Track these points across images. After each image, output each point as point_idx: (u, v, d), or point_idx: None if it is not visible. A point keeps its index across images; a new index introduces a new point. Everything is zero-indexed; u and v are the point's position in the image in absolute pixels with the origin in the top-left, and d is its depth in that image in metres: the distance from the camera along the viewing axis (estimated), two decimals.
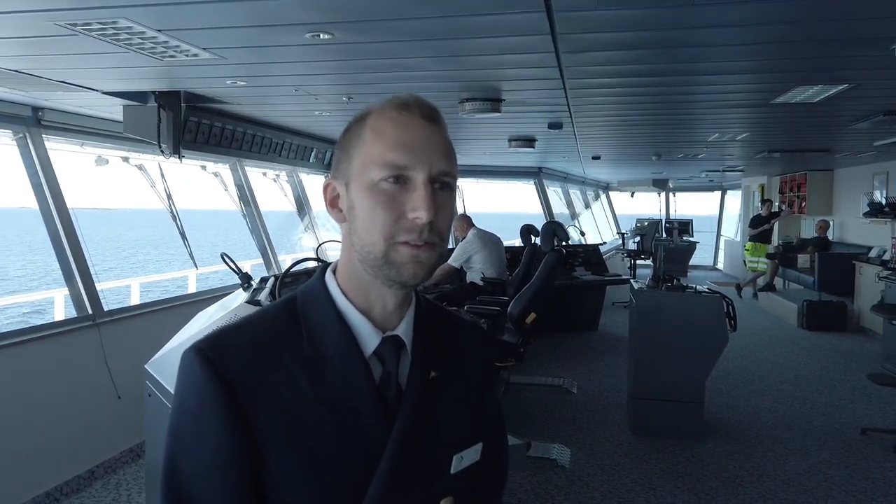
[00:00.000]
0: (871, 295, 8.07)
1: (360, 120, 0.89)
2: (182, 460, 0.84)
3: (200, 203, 65.05)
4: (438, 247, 0.86)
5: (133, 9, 2.36)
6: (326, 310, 0.90)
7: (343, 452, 0.85)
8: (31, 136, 4.30)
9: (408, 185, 0.84)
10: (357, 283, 0.91)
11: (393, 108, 0.87)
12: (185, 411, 0.85)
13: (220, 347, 0.86)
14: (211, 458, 0.83)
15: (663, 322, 4.80)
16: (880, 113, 4.65)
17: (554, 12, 2.39)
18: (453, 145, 0.91)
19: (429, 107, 0.89)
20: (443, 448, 0.93)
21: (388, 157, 0.84)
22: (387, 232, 0.84)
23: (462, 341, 1.03)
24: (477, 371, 1.04)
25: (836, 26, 2.72)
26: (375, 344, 0.90)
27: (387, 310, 0.91)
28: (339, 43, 2.84)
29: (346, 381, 0.87)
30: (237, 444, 0.83)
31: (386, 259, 0.85)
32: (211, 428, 0.83)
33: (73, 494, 3.90)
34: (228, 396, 0.83)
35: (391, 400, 0.89)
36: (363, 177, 0.85)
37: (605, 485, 4.02)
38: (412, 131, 0.86)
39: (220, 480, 0.83)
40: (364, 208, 0.85)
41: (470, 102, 4.18)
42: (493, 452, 1.04)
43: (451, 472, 0.93)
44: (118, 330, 4.46)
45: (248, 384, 0.84)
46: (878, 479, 4.15)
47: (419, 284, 0.89)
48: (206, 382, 0.83)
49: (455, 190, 0.91)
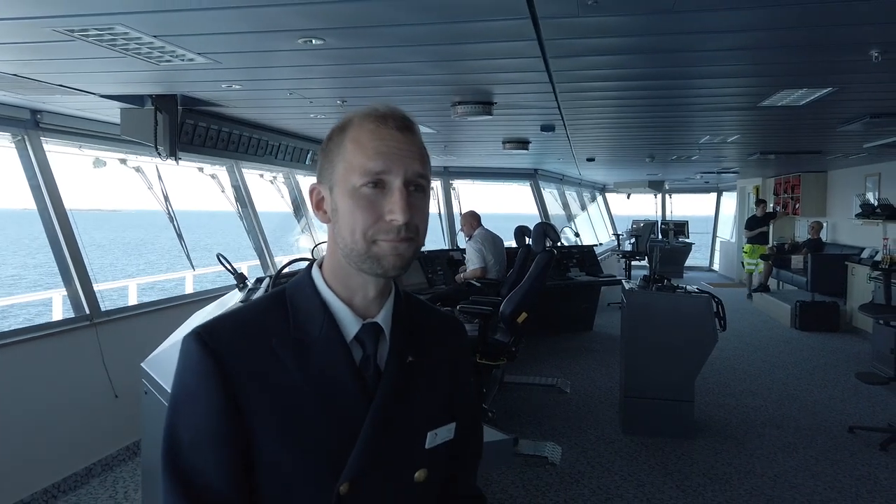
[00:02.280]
0: (862, 295, 8.15)
1: (341, 130, 0.99)
2: (182, 432, 0.93)
3: (198, 204, 65.00)
4: (415, 241, 0.96)
5: (130, 15, 2.42)
6: (312, 299, 1.00)
7: (325, 427, 0.94)
8: (30, 139, 4.35)
9: (385, 189, 0.94)
10: (340, 276, 1.00)
11: (371, 121, 0.97)
12: (184, 387, 0.95)
13: (215, 331, 0.96)
14: (208, 429, 0.92)
15: (654, 322, 4.86)
16: (866, 116, 4.72)
17: (539, 19, 2.45)
18: (428, 150, 1.02)
19: (403, 117, 0.98)
20: (418, 425, 1.02)
21: (367, 165, 0.94)
22: (367, 232, 0.94)
23: (438, 330, 1.13)
24: (451, 357, 1.13)
25: (817, 32, 2.78)
26: (356, 329, 0.99)
27: (367, 298, 1.01)
28: (332, 48, 2.90)
29: (328, 362, 0.96)
30: (231, 417, 0.92)
31: (368, 254, 0.95)
32: (207, 401, 0.92)
33: (70, 492, 3.96)
34: (222, 374, 0.92)
35: (370, 380, 0.98)
36: (345, 182, 0.95)
37: (595, 482, 4.09)
38: (388, 141, 0.95)
39: (216, 450, 0.92)
40: (346, 211, 0.95)
41: (462, 105, 4.25)
42: (467, 431, 1.13)
43: (425, 447, 1.03)
44: (115, 330, 4.52)
45: (239, 364, 0.94)
46: (864, 477, 4.22)
47: (399, 274, 0.98)
48: (203, 361, 0.93)
49: (429, 190, 1.00)
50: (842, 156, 8.25)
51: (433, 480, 1.04)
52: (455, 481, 1.14)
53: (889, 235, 8.41)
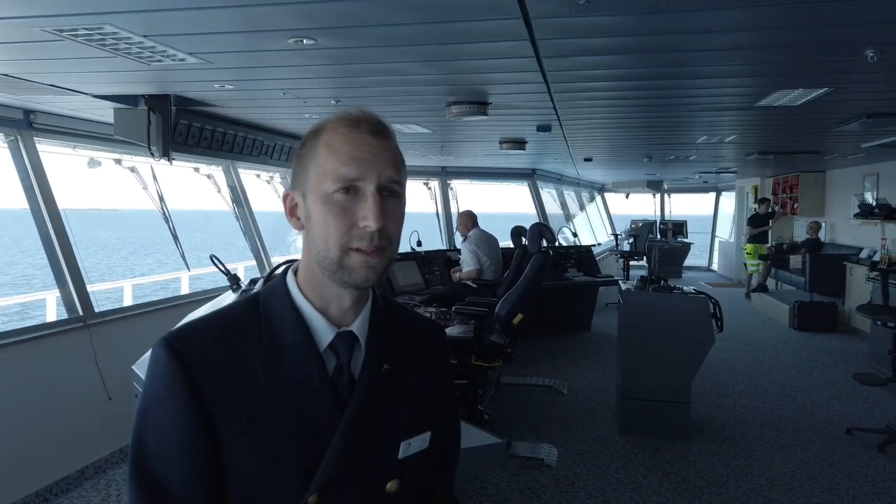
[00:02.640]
0: (861, 295, 8.13)
1: (315, 136, 0.97)
2: (150, 438, 0.91)
3: (194, 203, 64.92)
4: (388, 250, 0.94)
5: (118, 15, 2.40)
6: (285, 306, 0.98)
7: (295, 436, 0.93)
8: (23, 139, 4.32)
9: (358, 195, 0.93)
10: (315, 284, 0.98)
11: (344, 126, 0.95)
12: (152, 393, 0.93)
13: (184, 337, 0.94)
14: (176, 436, 0.90)
15: (650, 323, 4.84)
16: (863, 116, 4.70)
17: (531, 19, 2.43)
18: (403, 155, 1.00)
19: (377, 122, 0.96)
20: (391, 434, 1.01)
21: (340, 171, 0.92)
22: (340, 239, 0.92)
23: (418, 338, 1.11)
24: (432, 366, 1.11)
25: (812, 31, 2.76)
26: (330, 338, 0.97)
27: (342, 308, 0.99)
28: (324, 48, 2.88)
29: (300, 371, 0.95)
30: (199, 424, 0.90)
31: (340, 264, 0.93)
32: (176, 408, 0.91)
33: (62, 494, 3.93)
34: (190, 380, 0.91)
35: (344, 389, 0.96)
36: (318, 188, 0.94)
37: (591, 484, 4.07)
38: (361, 146, 0.93)
39: (184, 457, 0.90)
40: (319, 217, 0.94)
41: (456, 105, 4.22)
42: (444, 440, 1.12)
43: (398, 456, 1.01)
44: (109, 331, 4.49)
45: (209, 370, 0.92)
46: (861, 479, 4.20)
47: (371, 286, 0.97)
48: (171, 367, 0.91)
49: (404, 197, 0.98)
50: (840, 156, 8.23)
51: (406, 491, 1.02)
52: (430, 491, 1.12)
53: (887, 235, 8.39)
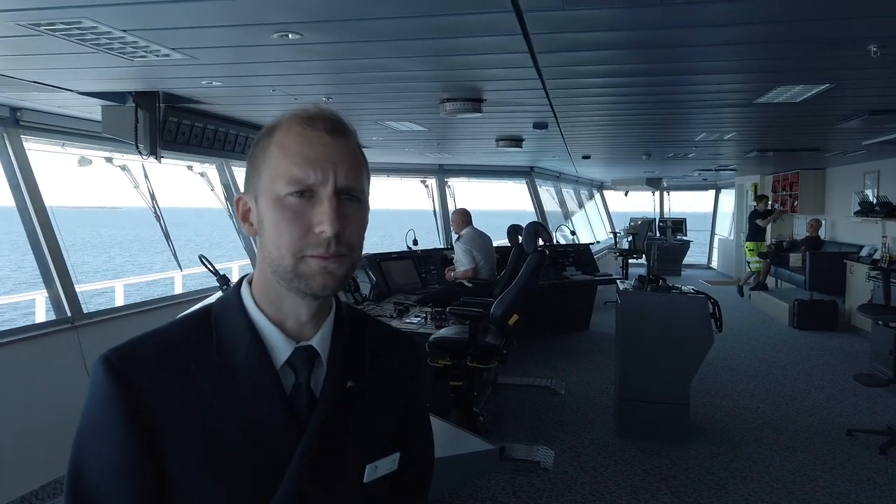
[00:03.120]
0: (861, 294, 8.05)
1: (267, 135, 0.89)
2: (87, 466, 0.84)
3: (188, 201, 64.78)
4: (348, 258, 0.87)
5: (96, 8, 2.33)
6: (238, 320, 0.90)
7: (249, 462, 0.85)
8: (9, 137, 4.26)
9: (313, 198, 0.85)
10: (270, 295, 0.91)
11: (298, 124, 0.87)
12: (90, 417, 0.85)
13: (126, 355, 0.86)
14: (115, 464, 0.83)
15: (648, 323, 4.77)
16: (865, 112, 4.62)
17: (523, 12, 2.35)
18: (366, 155, 0.92)
19: (333, 120, 0.88)
20: (355, 458, 0.93)
21: (293, 173, 0.85)
22: (294, 246, 0.84)
23: (387, 351, 1.03)
24: (401, 382, 1.03)
25: (814, 27, 2.69)
26: (287, 354, 0.89)
27: (300, 321, 0.91)
28: (311, 43, 2.80)
29: (254, 390, 0.87)
30: (140, 451, 0.83)
31: (295, 272, 0.85)
32: (114, 434, 0.83)
33: (49, 499, 3.87)
34: (131, 403, 0.83)
35: (302, 410, 0.88)
36: (270, 191, 0.86)
37: (588, 488, 3.99)
38: (316, 146, 0.86)
39: (123, 486, 0.83)
40: (272, 223, 0.86)
41: (450, 103, 4.14)
42: (416, 462, 1.04)
43: (363, 480, 0.93)
44: (98, 332, 4.42)
45: (152, 392, 0.84)
46: (862, 481, 4.13)
47: (330, 295, 0.89)
48: (110, 389, 0.83)
49: (366, 202, 0.90)
50: (840, 153, 8.16)
51: None
52: None
53: (888, 233, 8.31)
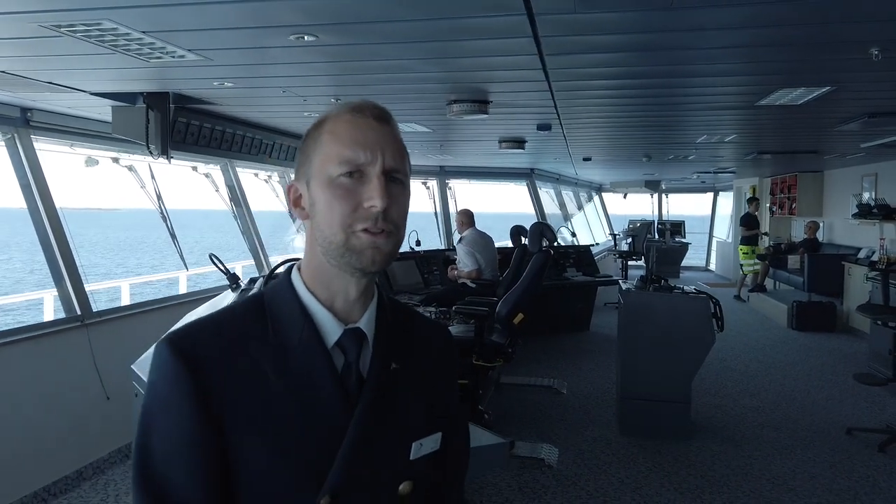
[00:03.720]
0: (859, 295, 8.12)
1: (318, 125, 0.96)
2: (154, 442, 0.88)
3: (192, 203, 64.76)
4: (394, 235, 0.93)
5: (118, 10, 2.37)
6: (291, 303, 0.96)
7: (306, 437, 0.90)
8: (20, 137, 4.29)
9: (363, 178, 0.91)
10: (320, 278, 0.96)
11: (347, 112, 0.94)
12: (156, 396, 0.90)
13: (189, 337, 0.91)
14: (181, 439, 0.87)
15: (651, 323, 4.83)
16: (865, 115, 4.69)
17: (535, 15, 2.41)
18: (406, 147, 0.98)
19: (380, 109, 0.95)
20: (402, 435, 0.98)
21: (344, 154, 0.91)
22: (345, 222, 0.90)
23: (424, 338, 1.08)
24: (439, 366, 1.08)
25: (817, 30, 2.75)
26: (337, 335, 0.95)
27: (348, 301, 0.96)
28: (325, 45, 2.86)
29: (308, 369, 0.92)
30: (205, 426, 0.87)
31: (346, 246, 0.91)
32: (180, 410, 0.88)
33: (60, 495, 3.90)
34: (195, 381, 0.88)
35: (352, 388, 0.94)
36: (322, 174, 0.92)
37: (592, 484, 4.05)
38: (365, 131, 0.93)
39: (190, 460, 0.87)
40: (324, 202, 0.92)
41: (457, 104, 4.20)
42: (454, 441, 1.09)
43: (410, 458, 0.98)
44: (107, 331, 4.46)
45: (215, 370, 0.89)
46: (861, 479, 4.19)
47: (378, 271, 0.94)
48: (175, 368, 0.88)
49: (408, 186, 0.97)
50: (839, 155, 8.23)
51: (418, 493, 0.99)
52: (440, 493, 1.08)
53: (886, 235, 8.38)
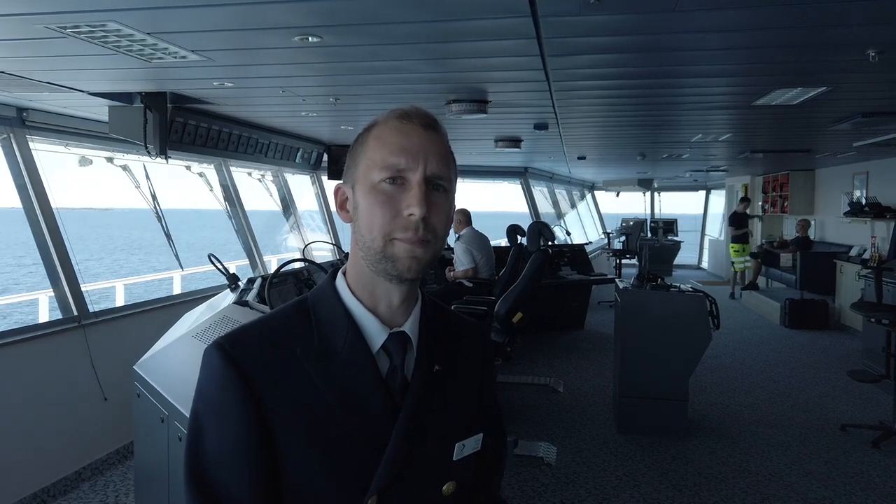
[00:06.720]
0: (851, 293, 8.20)
1: (367, 130, 0.97)
2: (206, 445, 0.90)
3: (185, 202, 64.47)
4: (433, 244, 0.93)
5: (123, 12, 2.37)
6: (335, 308, 0.97)
7: (351, 440, 0.91)
8: (16, 137, 4.27)
9: (405, 185, 0.92)
10: (364, 282, 0.97)
11: (395, 118, 0.95)
12: (206, 400, 0.91)
13: (237, 342, 0.93)
14: (233, 443, 0.89)
15: (648, 321, 4.86)
16: (858, 115, 4.74)
17: (540, 17, 2.42)
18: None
19: (428, 116, 0.96)
20: (445, 436, 0.99)
21: (387, 160, 0.92)
22: (384, 229, 0.91)
23: (464, 339, 1.09)
24: (477, 367, 1.10)
25: (815, 31, 2.78)
26: (382, 339, 0.96)
27: (392, 306, 0.97)
28: (327, 46, 2.86)
29: (353, 373, 0.93)
30: (255, 430, 0.89)
31: (384, 254, 0.92)
32: (231, 415, 0.89)
33: (59, 496, 3.89)
34: (245, 385, 0.89)
35: (397, 391, 0.95)
36: (366, 179, 0.93)
37: (591, 482, 4.07)
38: (410, 137, 0.93)
39: (241, 463, 0.89)
40: (366, 207, 0.93)
41: (457, 104, 4.21)
42: (493, 443, 1.11)
43: (453, 458, 1.00)
44: (104, 331, 4.45)
45: (263, 375, 0.91)
46: (857, 474, 4.24)
47: (415, 279, 0.95)
48: (225, 373, 0.90)
49: (452, 194, 0.97)
50: (831, 154, 8.30)
51: (461, 493, 1.01)
52: (481, 492, 1.11)
53: (877, 234, 8.47)
